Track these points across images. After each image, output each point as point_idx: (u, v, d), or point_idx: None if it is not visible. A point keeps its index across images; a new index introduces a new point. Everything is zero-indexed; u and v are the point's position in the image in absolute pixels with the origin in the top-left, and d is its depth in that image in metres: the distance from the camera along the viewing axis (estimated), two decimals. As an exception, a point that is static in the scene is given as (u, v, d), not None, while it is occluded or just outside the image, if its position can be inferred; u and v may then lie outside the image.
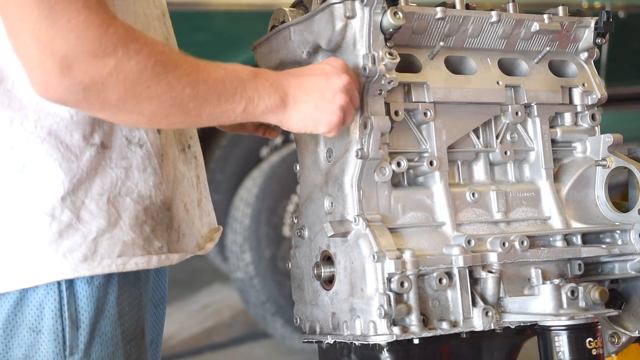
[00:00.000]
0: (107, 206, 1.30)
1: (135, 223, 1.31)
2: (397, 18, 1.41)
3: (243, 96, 1.31)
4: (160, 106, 1.24)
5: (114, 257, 1.29)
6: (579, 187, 1.63)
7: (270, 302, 4.37)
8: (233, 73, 1.31)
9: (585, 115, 1.66)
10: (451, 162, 1.53)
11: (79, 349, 1.28)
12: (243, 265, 4.42)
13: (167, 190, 1.37)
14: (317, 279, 1.49)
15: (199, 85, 1.26)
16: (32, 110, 1.26)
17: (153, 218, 1.34)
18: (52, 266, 1.26)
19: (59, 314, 1.27)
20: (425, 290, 1.42)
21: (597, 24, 1.65)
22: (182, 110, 1.26)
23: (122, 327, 1.32)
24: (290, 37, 1.52)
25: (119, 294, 1.31)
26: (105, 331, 1.30)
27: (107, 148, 1.31)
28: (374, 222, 1.41)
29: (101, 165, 1.30)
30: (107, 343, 1.31)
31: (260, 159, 4.67)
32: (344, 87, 1.37)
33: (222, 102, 1.29)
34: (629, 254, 1.58)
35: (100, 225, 1.29)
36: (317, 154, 1.52)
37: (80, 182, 1.28)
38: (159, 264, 1.34)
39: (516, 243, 1.48)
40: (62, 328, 1.28)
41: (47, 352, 1.27)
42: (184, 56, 1.28)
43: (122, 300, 1.32)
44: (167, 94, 1.23)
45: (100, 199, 1.29)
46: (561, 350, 1.42)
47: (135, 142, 1.33)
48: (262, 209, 4.41)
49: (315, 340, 1.52)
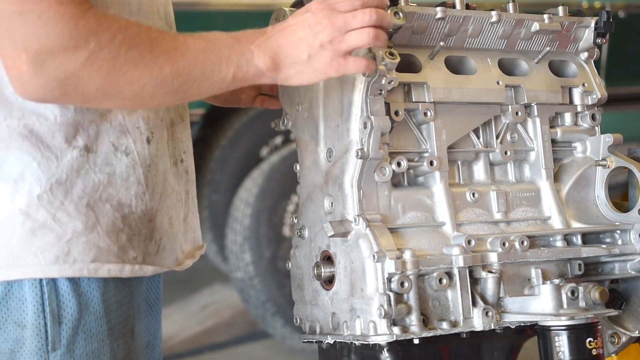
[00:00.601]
0: (86, 210, 1.29)
1: (112, 230, 1.30)
2: (398, 18, 1.41)
3: (229, 64, 1.29)
4: (142, 89, 1.23)
5: (87, 261, 1.28)
6: (579, 187, 1.63)
7: (270, 302, 4.37)
8: (215, 42, 1.29)
9: (585, 115, 1.66)
10: (451, 162, 1.53)
11: (62, 344, 1.28)
12: (243, 265, 4.42)
13: (150, 202, 1.35)
14: (317, 279, 1.49)
15: (178, 61, 1.24)
16: (17, 108, 1.26)
17: (130, 227, 1.33)
18: (23, 264, 1.26)
19: (41, 308, 1.27)
20: (426, 290, 1.42)
21: (597, 24, 1.65)
22: (166, 89, 1.25)
23: (108, 324, 1.31)
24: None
25: (105, 291, 1.30)
26: (89, 327, 1.29)
27: (92, 152, 1.30)
28: (374, 222, 1.41)
29: (84, 169, 1.29)
30: (92, 339, 1.30)
31: (260, 159, 4.67)
32: (325, 22, 1.31)
33: (207, 74, 1.27)
34: (629, 254, 1.58)
35: (77, 228, 1.28)
36: (317, 154, 1.52)
37: (59, 183, 1.27)
38: (131, 273, 1.32)
39: (516, 243, 1.48)
40: (44, 323, 1.27)
41: (30, 347, 1.27)
42: (162, 34, 1.26)
43: (108, 297, 1.31)
44: (146, 76, 1.22)
45: (80, 201, 1.28)
46: (561, 350, 1.42)
47: (121, 150, 1.32)
48: (262, 209, 4.41)
49: (315, 340, 1.52)
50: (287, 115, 1.59)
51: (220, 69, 1.28)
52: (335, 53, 1.32)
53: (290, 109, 1.58)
